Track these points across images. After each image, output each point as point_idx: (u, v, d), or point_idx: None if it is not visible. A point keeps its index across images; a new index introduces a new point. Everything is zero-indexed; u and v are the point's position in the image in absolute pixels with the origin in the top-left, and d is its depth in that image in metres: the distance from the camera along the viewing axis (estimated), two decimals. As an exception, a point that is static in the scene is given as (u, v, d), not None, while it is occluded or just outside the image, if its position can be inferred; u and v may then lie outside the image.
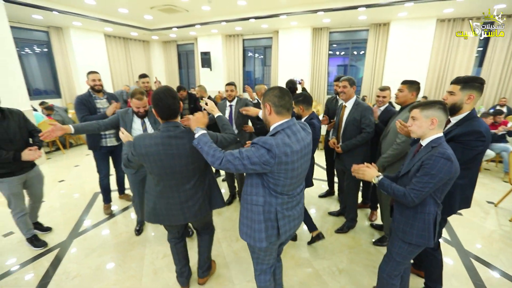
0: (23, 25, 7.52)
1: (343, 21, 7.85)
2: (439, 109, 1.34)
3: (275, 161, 1.20)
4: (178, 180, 1.58)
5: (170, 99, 1.47)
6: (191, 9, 6.67)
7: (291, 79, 3.48)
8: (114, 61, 9.93)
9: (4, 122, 2.16)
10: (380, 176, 1.47)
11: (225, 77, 10.45)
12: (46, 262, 2.35)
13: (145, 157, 1.49)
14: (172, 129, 1.50)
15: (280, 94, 1.32)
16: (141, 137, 1.50)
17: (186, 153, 1.52)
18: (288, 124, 1.31)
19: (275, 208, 1.34)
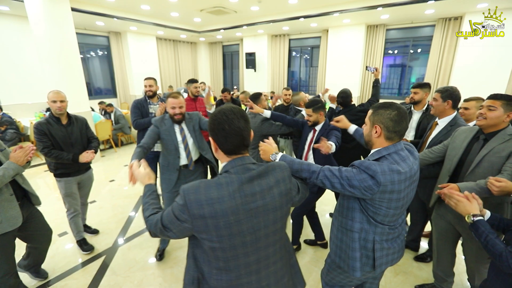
0: (88, 31, 8.24)
1: (405, 17, 6.99)
2: None
3: (378, 189, 1.07)
4: (260, 252, 0.96)
5: (242, 121, 0.92)
6: (239, 10, 6.54)
7: (344, 89, 2.87)
8: (164, 63, 10.39)
9: (69, 127, 2.35)
10: (479, 216, 1.12)
11: (269, 78, 10.21)
12: (93, 271, 2.36)
13: (208, 222, 0.87)
14: (251, 166, 0.95)
15: (398, 118, 1.13)
16: (198, 187, 0.88)
17: (275, 204, 0.94)
18: (395, 149, 1.16)
19: (373, 237, 1.21)
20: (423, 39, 7.60)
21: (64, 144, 2.28)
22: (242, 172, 0.92)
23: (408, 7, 5.84)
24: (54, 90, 2.26)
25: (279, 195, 0.96)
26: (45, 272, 2.28)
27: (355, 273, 1.24)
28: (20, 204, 1.79)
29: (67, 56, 4.68)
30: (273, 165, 1.00)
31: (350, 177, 1.11)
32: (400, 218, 1.27)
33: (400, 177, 1.09)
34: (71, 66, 4.78)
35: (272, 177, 0.96)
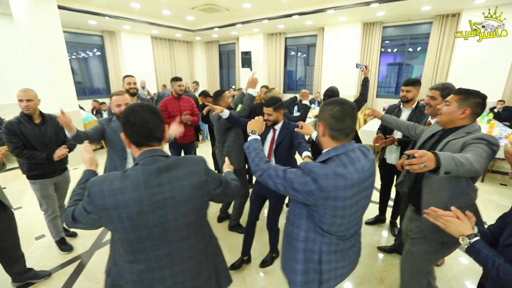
0: (81, 30, 8.16)
1: (401, 14, 6.86)
2: None
3: (321, 194, 0.97)
4: (172, 245, 0.94)
5: (148, 114, 0.93)
6: (231, 7, 6.44)
7: (332, 86, 2.76)
8: (159, 62, 10.31)
9: (42, 126, 2.26)
10: (474, 237, 0.93)
11: (266, 77, 10.10)
12: (66, 275, 2.27)
13: (112, 213, 0.86)
14: (160, 158, 0.93)
15: (340, 114, 1.02)
16: (105, 178, 0.90)
17: (185, 196, 0.93)
18: (345, 150, 1.03)
19: (320, 247, 1.09)
20: (421, 37, 7.47)
21: (38, 143, 2.19)
22: (150, 164, 0.91)
23: (403, 3, 5.72)
24: (22, 88, 2.17)
25: (191, 188, 0.94)
26: (44, 272, 2.24)
27: (294, 287, 1.14)
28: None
29: (54, 54, 4.59)
30: (186, 158, 1.00)
31: (293, 179, 1.01)
32: (353, 229, 1.14)
33: (345, 182, 0.97)
34: (58, 65, 4.69)
35: (183, 169, 0.95)
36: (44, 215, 2.46)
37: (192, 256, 1.00)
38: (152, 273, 0.93)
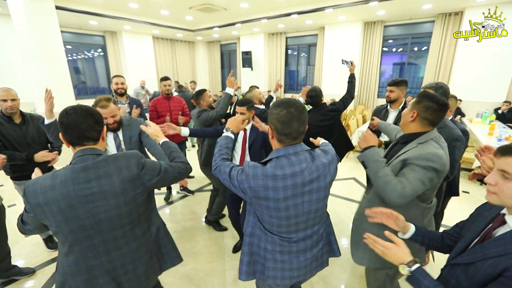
0: (83, 31, 8.27)
1: (402, 12, 6.75)
2: None
3: (251, 193, 1.00)
4: (106, 234, 1.03)
5: (80, 116, 1.00)
6: (229, 7, 6.43)
7: (315, 86, 2.67)
8: (161, 62, 10.37)
9: (23, 126, 2.24)
10: (414, 265, 0.84)
11: (266, 77, 10.08)
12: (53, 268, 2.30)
13: (44, 209, 0.95)
14: (89, 157, 1.01)
15: (286, 119, 0.99)
16: (38, 179, 0.99)
17: (114, 190, 1.01)
18: (286, 152, 1.02)
19: (265, 245, 1.12)
20: (423, 36, 7.33)
21: (19, 144, 2.17)
22: (80, 162, 1.00)
23: (404, 1, 5.63)
24: (3, 87, 2.17)
25: (120, 182, 1.02)
26: (28, 269, 2.27)
27: (240, 276, 1.18)
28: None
29: (51, 54, 4.66)
30: (117, 155, 1.07)
31: (234, 176, 1.05)
32: (301, 233, 1.10)
33: (276, 183, 0.97)
34: (56, 65, 4.75)
35: (113, 165, 1.03)
36: None
37: (128, 242, 1.10)
38: (87, 262, 1.03)
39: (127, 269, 1.10)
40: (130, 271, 1.12)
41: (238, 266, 1.21)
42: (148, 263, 1.18)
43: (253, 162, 1.04)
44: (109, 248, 1.05)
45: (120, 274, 1.09)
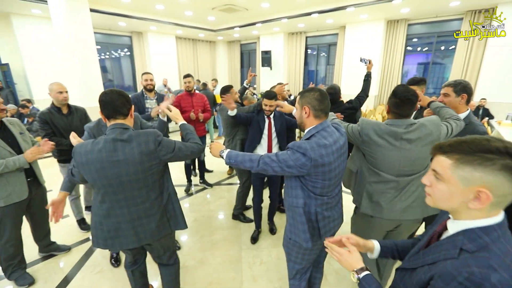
0: (113, 32, 8.77)
1: (428, 10, 6.54)
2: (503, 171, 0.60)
3: (311, 164, 1.21)
4: (127, 193, 1.33)
5: (115, 95, 1.30)
6: (250, 7, 6.56)
7: (333, 84, 2.84)
8: (183, 61, 10.73)
9: (69, 116, 2.54)
10: (364, 272, 0.85)
11: (285, 76, 10.12)
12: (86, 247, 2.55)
13: (85, 167, 1.27)
14: (118, 131, 1.29)
15: (321, 97, 1.29)
16: (83, 144, 1.30)
17: (134, 160, 1.28)
18: (322, 126, 1.30)
19: (315, 209, 1.35)
20: (450, 34, 7.04)
21: (66, 132, 2.43)
22: (111, 134, 1.29)
23: (428, -1, 5.47)
24: (56, 82, 2.47)
25: (139, 154, 1.29)
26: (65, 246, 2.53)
27: (307, 244, 1.36)
28: (29, 181, 2.05)
29: (85, 54, 5.03)
30: (139, 132, 1.32)
31: (286, 158, 1.23)
32: (337, 189, 1.40)
33: (327, 150, 1.23)
34: (88, 64, 5.13)
35: (135, 140, 1.30)
36: (68, 196, 2.76)
37: (144, 201, 1.38)
38: (114, 210, 1.35)
39: (142, 222, 1.40)
40: (144, 224, 1.40)
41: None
42: (160, 221, 1.45)
43: (297, 141, 1.26)
44: (129, 203, 1.35)
45: (137, 226, 1.39)
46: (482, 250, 0.62)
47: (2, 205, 1.90)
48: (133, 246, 1.42)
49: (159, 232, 1.46)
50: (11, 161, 1.85)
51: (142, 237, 1.41)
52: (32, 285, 2.11)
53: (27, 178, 2.02)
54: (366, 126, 1.49)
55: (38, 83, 6.98)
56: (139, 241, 1.41)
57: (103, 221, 1.36)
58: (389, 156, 1.45)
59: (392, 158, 1.45)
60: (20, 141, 2.02)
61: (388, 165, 1.47)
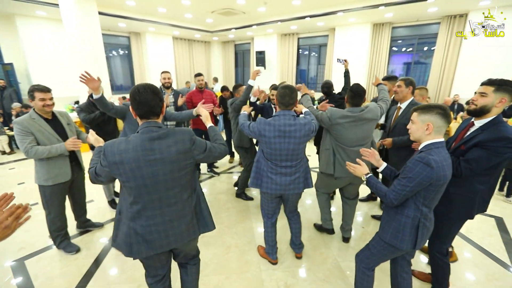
0: (111, 32, 9.01)
1: (409, 15, 7.16)
2: (437, 114, 1.33)
3: (258, 133, 1.90)
4: (161, 193, 1.28)
5: (149, 94, 1.24)
6: (247, 11, 7.00)
7: (327, 80, 3.47)
8: (179, 61, 11.05)
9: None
10: (368, 174, 1.56)
11: (279, 75, 10.61)
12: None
13: (119, 166, 1.20)
14: (154, 129, 1.25)
15: (283, 94, 1.88)
16: (114, 142, 1.23)
17: (171, 158, 1.26)
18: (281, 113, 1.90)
19: (264, 167, 1.99)
20: (429, 37, 7.71)
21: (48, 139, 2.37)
22: (146, 133, 1.24)
23: (410, 5, 6.05)
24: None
25: (176, 152, 1.27)
26: (99, 223, 2.90)
27: (250, 184, 2.12)
28: (72, 165, 2.40)
29: (94, 54, 5.35)
30: (175, 130, 1.32)
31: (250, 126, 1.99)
32: (284, 162, 1.94)
33: (269, 127, 1.85)
34: (97, 63, 5.44)
35: (172, 138, 1.28)
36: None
37: (177, 202, 1.35)
38: (146, 212, 1.29)
39: (173, 224, 1.35)
40: (176, 226, 1.35)
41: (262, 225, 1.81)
42: (189, 223, 1.42)
43: (262, 118, 1.90)
44: (162, 204, 1.30)
45: (168, 228, 1.33)
46: (429, 151, 1.33)
47: (50, 183, 2.26)
48: (161, 251, 1.35)
49: (188, 235, 1.43)
50: (54, 148, 2.17)
51: (171, 241, 1.36)
52: (78, 251, 2.50)
53: (70, 162, 2.38)
54: (334, 113, 2.14)
55: (41, 82, 7.15)
56: (168, 244, 1.36)
57: (131, 224, 1.29)
58: (348, 133, 2.15)
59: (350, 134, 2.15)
60: (67, 130, 2.38)
61: (347, 139, 2.17)
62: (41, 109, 2.20)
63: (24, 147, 2.09)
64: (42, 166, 2.22)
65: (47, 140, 2.18)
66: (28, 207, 0.95)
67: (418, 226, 1.39)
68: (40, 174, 2.23)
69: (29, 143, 2.10)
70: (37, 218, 2.99)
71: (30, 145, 2.10)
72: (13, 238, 2.71)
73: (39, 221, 2.91)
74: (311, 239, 2.68)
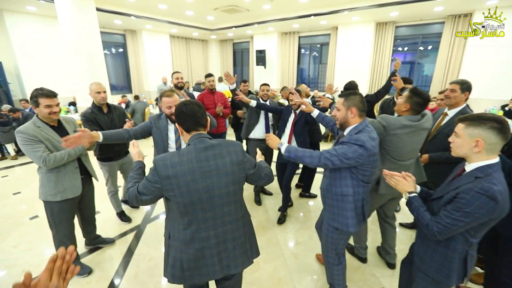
0: (106, 29, 8.61)
1: (414, 14, 7.10)
2: (491, 129, 1.05)
3: (367, 153, 1.42)
4: (216, 209, 1.19)
5: (195, 106, 1.22)
6: (252, 8, 6.78)
7: (351, 81, 3.23)
8: (176, 60, 10.71)
9: (110, 115, 2.66)
10: (413, 194, 1.30)
11: (279, 75, 10.43)
12: (129, 238, 2.68)
13: (172, 181, 1.12)
14: (207, 140, 1.20)
15: (364, 101, 1.55)
16: (166, 156, 1.16)
17: (226, 170, 1.19)
18: (365, 123, 1.55)
19: (362, 196, 1.57)
20: (433, 36, 7.68)
21: (107, 129, 2.51)
22: (199, 143, 1.19)
23: (417, 4, 5.96)
24: (95, 82, 2.56)
25: (231, 163, 1.21)
26: (110, 239, 2.65)
27: (354, 228, 1.61)
28: (83, 178, 2.14)
29: (91, 53, 5.02)
30: (227, 141, 1.27)
31: (345, 151, 1.44)
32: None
33: (375, 142, 1.48)
34: (94, 62, 5.11)
35: (225, 148, 1.22)
36: (108, 190, 2.91)
37: (232, 221, 1.25)
38: (200, 233, 1.19)
39: (227, 247, 1.24)
40: (230, 249, 1.25)
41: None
42: (243, 247, 1.30)
43: (353, 136, 1.48)
44: (217, 223, 1.21)
45: (222, 251, 1.23)
46: (488, 176, 1.07)
47: (58, 199, 2.00)
48: (214, 278, 1.24)
49: (243, 262, 1.30)
50: (72, 150, 1.95)
51: (225, 265, 1.24)
52: (90, 274, 2.24)
53: (80, 175, 2.12)
54: (392, 122, 1.77)
55: (32, 82, 6.77)
56: (221, 270, 1.23)
57: (184, 249, 1.19)
58: (404, 145, 1.81)
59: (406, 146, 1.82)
60: None
61: (400, 152, 1.84)
62: (47, 117, 1.93)
63: (40, 156, 1.83)
64: (49, 179, 1.95)
65: (55, 149, 1.93)
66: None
67: (466, 258, 1.19)
68: (47, 189, 1.97)
69: (44, 151, 1.85)
70: (39, 234, 2.71)
71: (46, 153, 1.85)
72: (12, 259, 2.47)
73: (43, 239, 2.64)
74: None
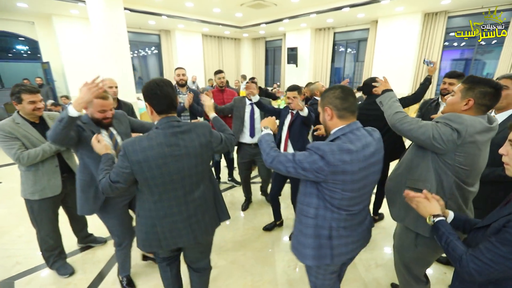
0: (143, 30, 9.04)
1: (472, 0, 6.02)
2: None
3: (328, 169, 1.03)
4: (186, 187, 1.27)
5: (169, 88, 1.20)
6: (279, 2, 6.43)
7: (373, 77, 2.53)
8: (208, 58, 10.84)
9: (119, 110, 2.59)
10: (440, 217, 0.99)
11: (311, 74, 9.88)
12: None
13: (143, 165, 1.15)
14: (176, 123, 1.22)
15: (343, 95, 1.12)
16: (134, 141, 1.16)
17: (195, 151, 1.25)
18: (350, 128, 1.12)
19: (329, 224, 1.15)
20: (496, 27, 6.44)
21: None
22: (168, 128, 1.20)
23: (475, -12, 5.02)
24: (108, 78, 2.59)
25: (200, 145, 1.28)
26: (101, 238, 2.59)
27: (308, 261, 1.21)
28: (65, 177, 2.05)
29: (119, 51, 5.19)
30: (195, 124, 1.30)
31: (302, 160, 1.08)
32: (362, 204, 1.19)
33: (351, 156, 1.03)
34: (122, 62, 5.29)
35: (194, 131, 1.27)
36: None
37: (200, 196, 1.34)
38: (171, 208, 1.27)
39: (198, 218, 1.35)
40: (200, 220, 1.36)
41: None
42: (212, 214, 1.43)
43: (316, 142, 1.07)
44: (187, 199, 1.30)
45: (193, 222, 1.34)
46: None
47: (37, 198, 1.94)
48: (188, 245, 1.39)
49: (212, 227, 1.45)
50: (47, 145, 1.87)
51: (197, 234, 1.36)
52: (72, 275, 2.18)
53: (62, 174, 2.03)
54: (469, 124, 1.14)
55: (75, 80, 7.36)
56: (194, 238, 1.36)
57: (157, 223, 1.28)
58: (480, 158, 1.21)
59: (481, 160, 1.23)
60: None
61: (476, 170, 1.23)
62: (30, 113, 1.88)
63: (14, 153, 1.79)
64: (27, 177, 1.91)
65: (33, 147, 1.87)
66: None
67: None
68: (25, 186, 1.93)
69: (18, 149, 1.80)
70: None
71: (20, 150, 1.81)
72: (13, 250, 2.55)
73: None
74: None
